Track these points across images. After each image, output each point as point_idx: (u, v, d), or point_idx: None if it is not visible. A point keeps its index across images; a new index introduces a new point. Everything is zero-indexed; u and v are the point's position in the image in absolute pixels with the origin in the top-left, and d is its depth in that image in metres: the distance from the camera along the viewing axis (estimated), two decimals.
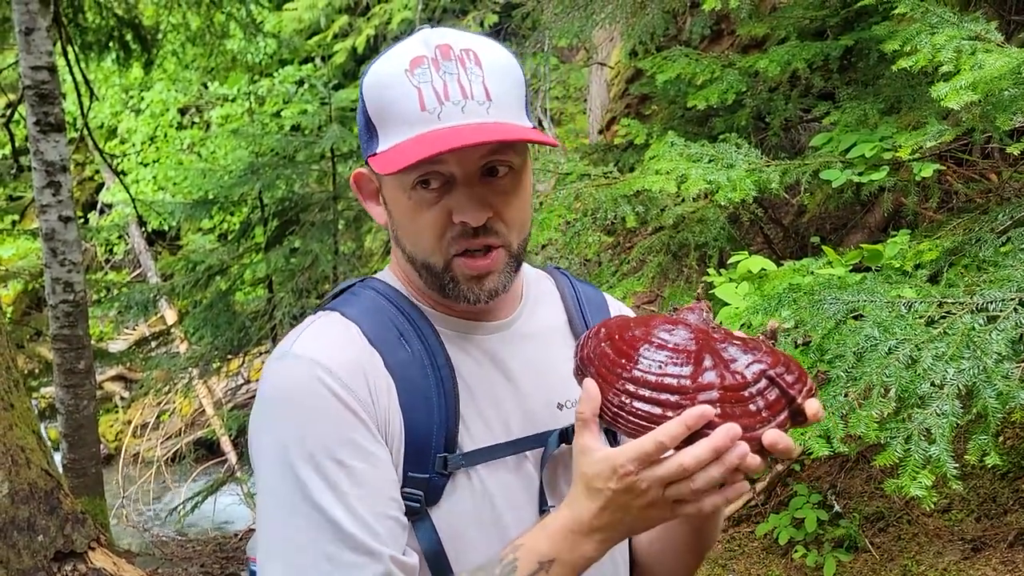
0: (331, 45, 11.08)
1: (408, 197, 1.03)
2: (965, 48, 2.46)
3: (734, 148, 2.91)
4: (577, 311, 1.22)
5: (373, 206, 1.13)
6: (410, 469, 1.02)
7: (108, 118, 12.07)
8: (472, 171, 1.01)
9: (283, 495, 0.98)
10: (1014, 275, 2.13)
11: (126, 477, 8.15)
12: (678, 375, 0.91)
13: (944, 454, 1.82)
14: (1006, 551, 2.66)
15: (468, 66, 1.01)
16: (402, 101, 1.00)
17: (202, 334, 6.73)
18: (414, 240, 1.05)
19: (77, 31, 6.26)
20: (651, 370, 0.92)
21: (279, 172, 6.55)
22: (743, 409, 0.89)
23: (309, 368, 1.00)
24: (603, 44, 6.30)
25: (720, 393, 0.90)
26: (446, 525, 1.03)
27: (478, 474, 1.06)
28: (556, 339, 1.19)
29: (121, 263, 11.77)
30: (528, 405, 1.12)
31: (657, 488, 0.90)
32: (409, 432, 1.02)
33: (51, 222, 4.84)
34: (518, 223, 1.06)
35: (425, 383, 1.04)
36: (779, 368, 0.92)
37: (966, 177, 3.32)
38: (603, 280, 3.35)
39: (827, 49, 3.35)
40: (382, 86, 1.02)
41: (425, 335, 1.07)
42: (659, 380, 0.91)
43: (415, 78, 1.00)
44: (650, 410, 0.90)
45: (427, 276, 1.07)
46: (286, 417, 1.00)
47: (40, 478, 3.66)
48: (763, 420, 0.89)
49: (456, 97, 0.99)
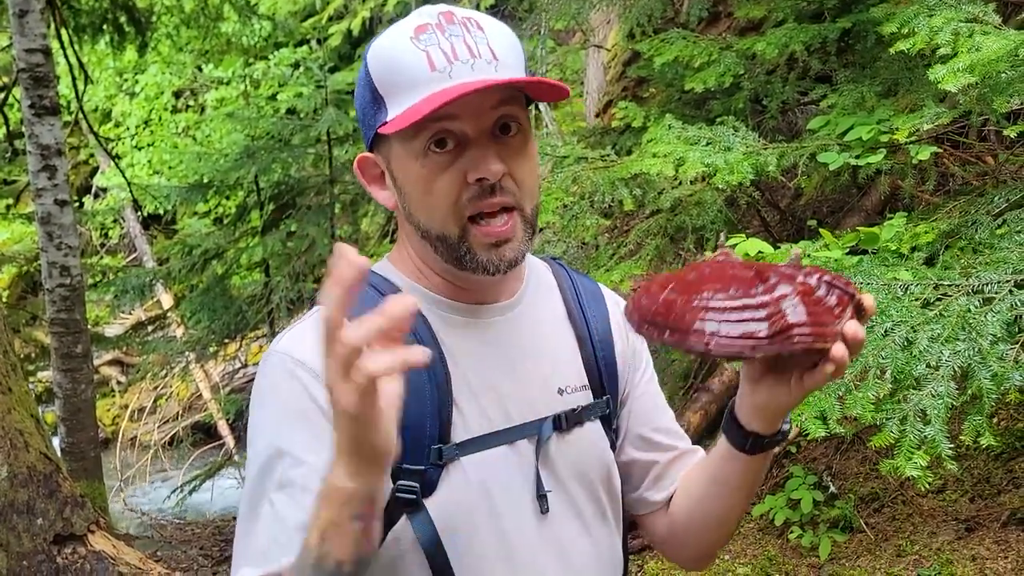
0: (326, 27, 11.02)
1: (421, 165, 1.02)
2: (963, 30, 2.46)
3: (731, 131, 2.91)
4: (575, 302, 1.22)
5: (378, 190, 1.12)
6: (405, 461, 1.01)
7: (102, 101, 12.01)
8: (485, 128, 1.02)
9: (250, 485, 1.02)
10: (1010, 257, 2.14)
11: (124, 461, 8.17)
12: (755, 293, 0.93)
13: (939, 435, 1.84)
14: (999, 531, 2.68)
15: (472, 31, 1.03)
16: (411, 65, 1.00)
17: (199, 318, 6.73)
18: (429, 210, 1.04)
19: (71, 13, 6.22)
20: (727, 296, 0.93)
21: (275, 155, 6.53)
22: (824, 307, 0.93)
23: (284, 362, 1.02)
24: (600, 26, 6.28)
25: (799, 297, 0.92)
26: (443, 515, 1.04)
27: (473, 463, 1.06)
28: (558, 327, 1.19)
29: (116, 247, 11.74)
30: (528, 389, 1.12)
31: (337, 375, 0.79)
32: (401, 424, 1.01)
33: (47, 206, 4.82)
34: (529, 185, 1.06)
35: (416, 375, 1.02)
36: (831, 276, 0.96)
37: (963, 160, 3.32)
38: (601, 263, 3.35)
39: (825, 31, 3.34)
40: (388, 55, 1.02)
41: (417, 329, 1.06)
42: (740, 302, 0.93)
43: (421, 43, 1.01)
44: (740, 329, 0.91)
45: (443, 249, 1.06)
46: (262, 411, 1.03)
47: (39, 461, 3.67)
48: (837, 316, 0.93)
49: (464, 56, 1.00)
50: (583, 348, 1.19)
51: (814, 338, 0.91)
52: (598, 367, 1.19)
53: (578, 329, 1.20)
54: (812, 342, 0.91)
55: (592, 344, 1.20)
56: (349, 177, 6.39)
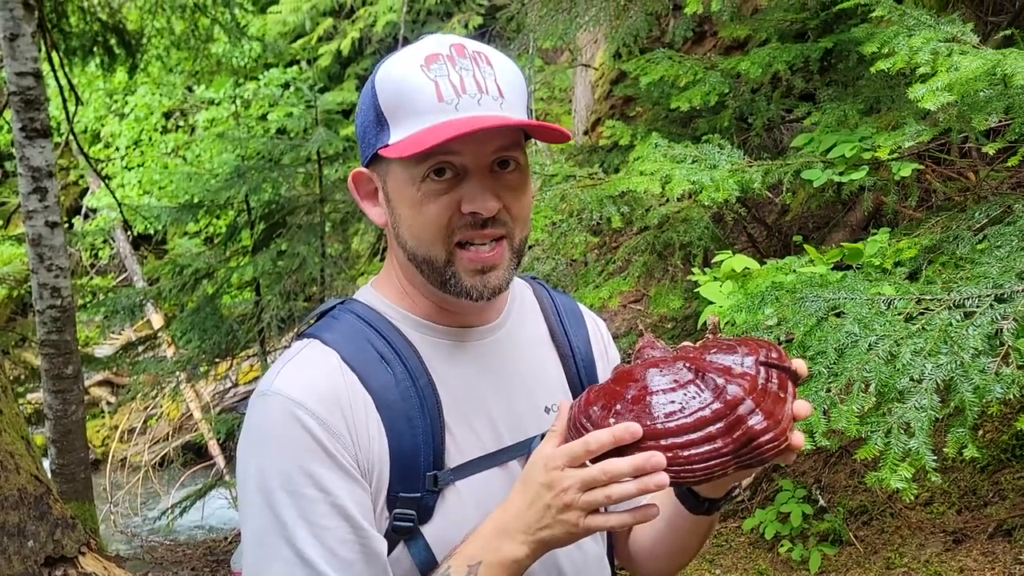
0: (316, 48, 11.08)
1: (417, 188, 1.04)
2: (942, 50, 2.51)
3: (717, 149, 2.95)
4: (557, 322, 1.25)
5: (371, 207, 1.13)
6: (401, 490, 1.04)
7: (93, 122, 12.02)
8: (484, 163, 1.04)
9: (261, 528, 1.01)
10: (990, 272, 2.17)
11: (114, 482, 8.12)
12: (706, 404, 0.91)
13: (923, 447, 1.86)
14: (986, 542, 2.71)
15: (482, 66, 1.05)
16: (419, 93, 1.02)
17: (189, 338, 6.72)
18: (418, 232, 1.06)
19: (61, 36, 6.25)
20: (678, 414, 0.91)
21: (265, 175, 6.55)
22: (773, 398, 0.92)
23: (286, 405, 1.01)
24: (587, 46, 6.35)
25: (752, 397, 0.91)
26: (439, 540, 1.05)
27: (468, 486, 1.08)
28: (541, 346, 1.22)
29: (107, 268, 11.72)
30: (516, 409, 1.14)
31: (576, 490, 0.93)
32: (395, 454, 1.04)
33: (37, 227, 4.83)
34: (522, 218, 1.08)
35: (407, 404, 1.05)
36: (762, 352, 0.96)
37: (945, 176, 3.37)
38: (590, 280, 3.38)
39: (807, 51, 3.40)
40: (398, 79, 1.04)
41: (405, 357, 1.08)
42: (694, 419, 0.90)
43: (431, 72, 1.03)
44: (704, 449, 0.89)
45: (428, 271, 1.07)
46: (265, 454, 1.02)
47: (29, 483, 3.65)
48: (784, 401, 0.93)
49: (472, 91, 1.03)
50: (566, 366, 1.22)
51: (778, 442, 0.89)
52: (581, 383, 1.22)
53: (560, 348, 1.23)
54: (777, 447, 0.89)
55: (575, 362, 1.23)
56: (339, 196, 6.42)
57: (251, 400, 1.06)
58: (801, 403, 0.95)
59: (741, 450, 0.89)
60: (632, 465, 0.90)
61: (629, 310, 4.92)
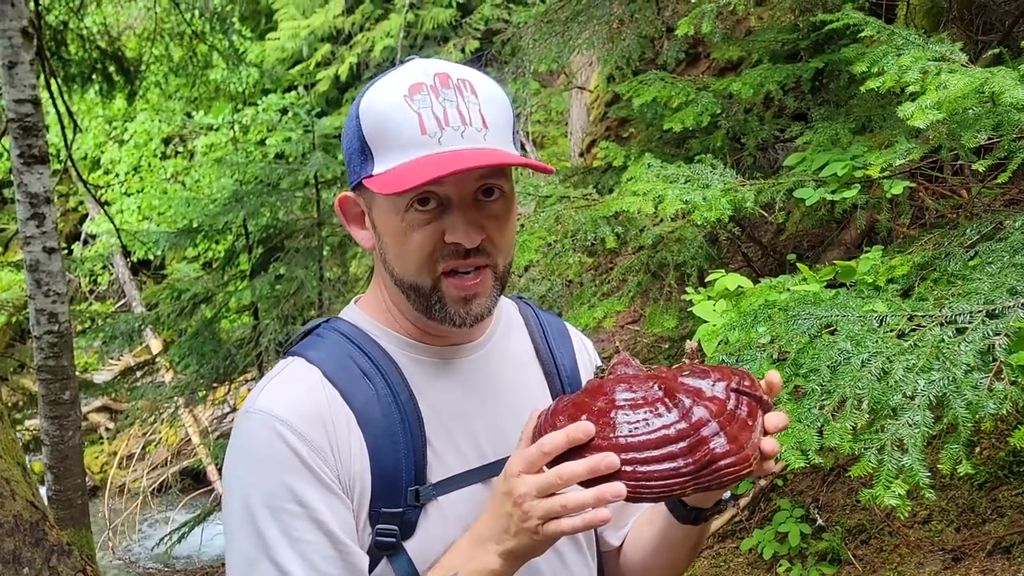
0: (314, 73, 11.17)
1: (401, 219, 1.05)
2: (931, 69, 2.53)
3: (710, 169, 2.97)
4: (543, 340, 1.26)
5: (358, 230, 1.14)
6: (383, 505, 1.05)
7: (92, 149, 12.08)
8: (467, 194, 1.04)
9: (244, 543, 1.02)
10: (981, 288, 2.18)
11: (112, 509, 8.08)
12: (671, 423, 0.91)
13: (916, 463, 1.86)
14: (985, 560, 2.69)
15: (465, 95, 1.05)
16: (402, 125, 1.02)
17: (188, 363, 6.72)
18: (403, 261, 1.07)
19: (60, 64, 6.30)
20: (642, 431, 0.91)
21: (263, 200, 6.59)
22: (739, 426, 0.92)
23: (268, 422, 1.03)
24: (582, 69, 6.40)
25: (717, 422, 0.91)
26: (422, 556, 1.05)
27: (450, 502, 1.08)
28: (527, 364, 1.23)
29: (105, 293, 11.73)
30: (500, 426, 1.14)
31: (532, 497, 0.93)
32: (376, 470, 1.04)
33: (35, 253, 4.84)
34: (505, 246, 1.09)
35: (389, 420, 1.06)
36: (735, 379, 0.96)
37: (937, 193, 3.39)
38: (584, 300, 3.39)
39: (799, 71, 3.43)
40: (381, 110, 1.04)
41: (387, 373, 1.09)
42: (657, 436, 0.90)
43: (415, 103, 1.03)
44: (664, 467, 0.89)
45: (415, 297, 1.09)
46: (248, 471, 1.03)
47: (25, 510, 3.64)
48: (752, 428, 0.92)
49: (456, 123, 1.03)
50: (552, 384, 1.23)
51: (739, 467, 0.89)
52: None
53: (546, 366, 1.24)
54: (739, 471, 0.89)
55: (560, 379, 1.23)
56: (337, 220, 6.44)
57: (236, 417, 1.07)
58: (775, 416, 0.96)
59: (701, 471, 0.89)
60: (587, 466, 0.90)
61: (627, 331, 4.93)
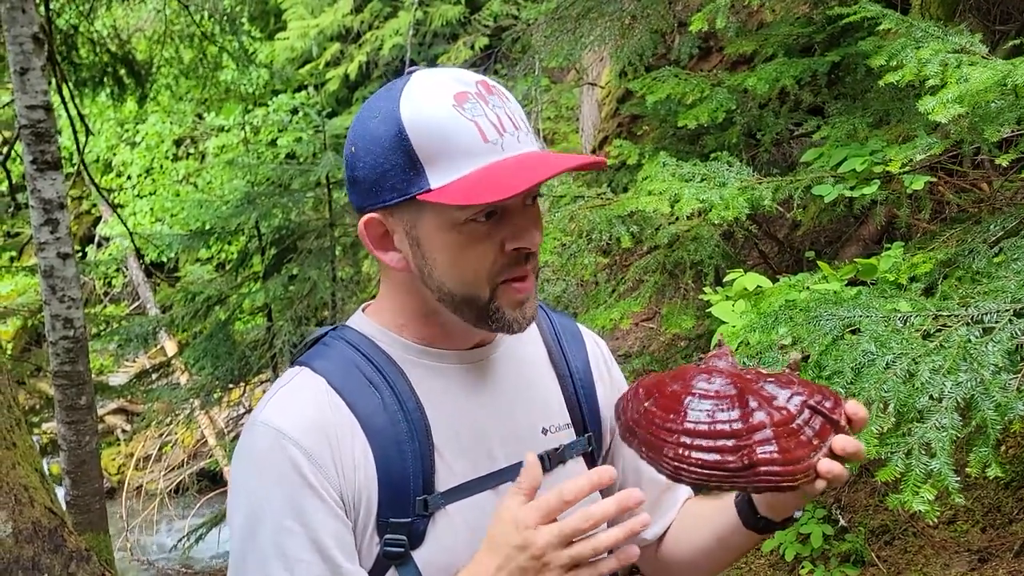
0: (323, 73, 11.16)
1: (459, 232, 1.02)
2: (950, 61, 2.49)
3: (726, 166, 2.93)
4: (555, 343, 1.24)
5: (383, 252, 1.09)
6: (391, 515, 1.03)
7: (104, 152, 12.13)
8: (522, 200, 1.04)
9: (242, 553, 1.03)
10: (1007, 286, 2.14)
11: (129, 510, 8.12)
12: (729, 420, 0.94)
13: (945, 467, 1.82)
14: (1012, 560, 2.65)
15: (505, 101, 1.04)
16: (462, 135, 1.00)
17: (202, 365, 6.73)
18: (459, 275, 1.04)
19: (71, 69, 6.31)
20: (702, 420, 0.94)
21: (275, 201, 6.59)
22: (796, 441, 0.93)
23: (273, 436, 1.02)
24: (593, 65, 6.35)
25: (773, 430, 0.93)
26: (431, 565, 1.04)
27: (459, 509, 1.07)
28: (539, 366, 1.21)
29: (120, 296, 11.78)
30: (513, 431, 1.13)
31: (555, 548, 0.92)
32: (383, 479, 1.03)
33: (49, 259, 4.85)
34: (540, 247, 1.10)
35: (396, 429, 1.05)
36: (817, 396, 0.96)
37: (958, 187, 3.34)
38: (601, 300, 3.36)
39: (814, 65, 3.38)
40: (433, 123, 1.01)
41: (393, 381, 1.07)
42: (712, 428, 0.93)
43: (467, 112, 1.01)
44: (709, 458, 0.92)
45: (466, 310, 1.06)
46: (252, 482, 1.03)
47: (44, 516, 3.65)
48: (815, 448, 0.93)
49: (510, 128, 1.02)
50: (564, 387, 1.21)
51: (781, 478, 0.91)
52: (580, 405, 1.21)
53: (559, 368, 1.22)
54: (779, 481, 0.91)
55: (573, 382, 1.22)
56: (349, 220, 6.44)
57: (244, 426, 1.07)
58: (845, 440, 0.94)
59: (740, 471, 0.91)
60: (617, 503, 0.91)
61: (642, 328, 4.89)
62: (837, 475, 0.92)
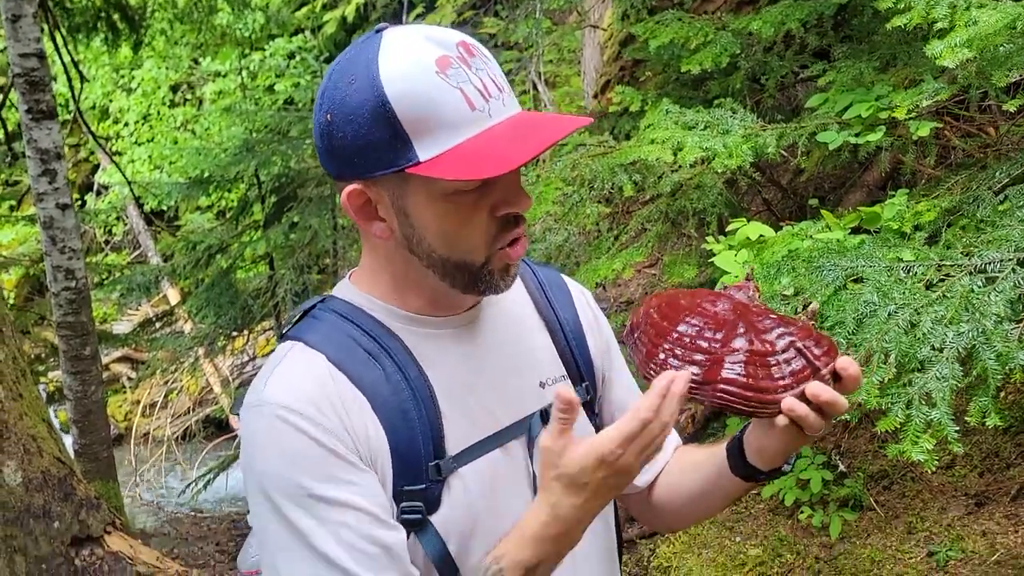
0: (320, 15, 10.96)
1: (448, 201, 1.00)
2: (959, 4, 2.43)
3: (729, 114, 2.89)
4: (541, 296, 1.24)
5: (368, 223, 1.06)
6: (405, 484, 1.03)
7: (100, 98, 11.99)
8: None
9: (279, 538, 1.00)
10: (1012, 235, 2.12)
11: (137, 456, 8.24)
12: (710, 339, 0.99)
13: (945, 418, 1.84)
14: (1009, 505, 2.69)
15: (487, 62, 1.02)
16: (449, 104, 0.96)
17: (205, 313, 6.76)
18: (454, 242, 1.03)
19: (64, 15, 6.20)
20: (687, 333, 1.00)
21: (274, 148, 6.53)
22: (766, 372, 0.97)
23: (279, 412, 1.00)
24: (595, 6, 6.24)
25: (746, 356, 0.97)
26: (449, 528, 1.05)
27: (471, 471, 1.07)
28: (528, 321, 1.21)
29: (121, 244, 11.77)
30: (511, 388, 1.13)
31: (637, 457, 0.95)
32: (394, 449, 1.03)
33: (48, 210, 4.83)
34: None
35: (399, 398, 1.04)
36: (808, 341, 0.99)
37: (964, 132, 3.29)
38: (603, 250, 3.35)
39: (821, 7, 3.31)
40: (418, 92, 0.97)
41: (393, 351, 1.06)
42: (693, 342, 0.99)
43: (451, 79, 0.97)
44: (679, 365, 0.98)
45: (459, 275, 1.05)
46: (266, 463, 1.00)
47: (53, 465, 3.70)
48: (785, 386, 0.96)
49: (495, 92, 1.00)
50: (555, 338, 1.21)
51: (736, 399, 0.95)
52: (573, 355, 1.21)
53: (548, 320, 1.22)
54: (734, 402, 0.96)
55: (564, 333, 1.22)
56: None
57: (243, 413, 1.05)
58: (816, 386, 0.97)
59: (703, 385, 0.97)
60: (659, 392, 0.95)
61: (644, 275, 4.89)
62: (800, 415, 0.94)
